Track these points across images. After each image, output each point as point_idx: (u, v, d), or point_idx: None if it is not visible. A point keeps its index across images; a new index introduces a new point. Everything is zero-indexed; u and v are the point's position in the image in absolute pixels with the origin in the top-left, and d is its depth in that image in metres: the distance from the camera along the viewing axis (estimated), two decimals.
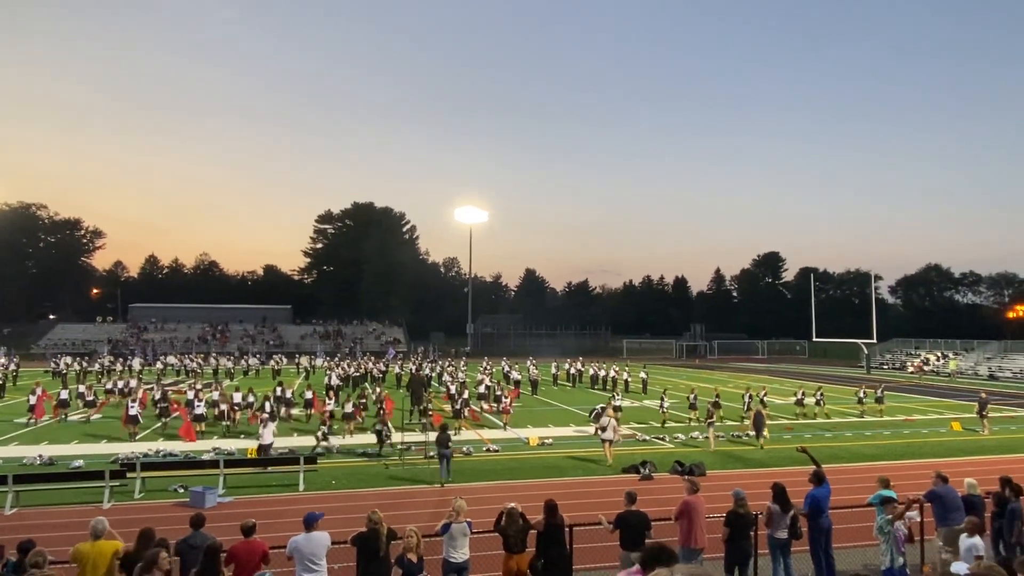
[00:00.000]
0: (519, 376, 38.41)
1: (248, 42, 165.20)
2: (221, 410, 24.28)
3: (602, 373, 40.43)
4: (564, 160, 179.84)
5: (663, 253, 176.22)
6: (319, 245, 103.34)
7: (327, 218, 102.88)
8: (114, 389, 31.63)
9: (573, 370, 42.98)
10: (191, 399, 24.43)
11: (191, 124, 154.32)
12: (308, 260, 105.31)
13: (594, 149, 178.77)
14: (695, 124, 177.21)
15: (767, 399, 27.60)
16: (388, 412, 23.79)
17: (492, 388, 30.79)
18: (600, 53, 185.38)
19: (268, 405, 23.76)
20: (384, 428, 19.56)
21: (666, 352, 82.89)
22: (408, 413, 25.34)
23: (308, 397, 26.78)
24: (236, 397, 25.58)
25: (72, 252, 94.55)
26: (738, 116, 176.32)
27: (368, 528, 7.95)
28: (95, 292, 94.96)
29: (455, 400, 26.62)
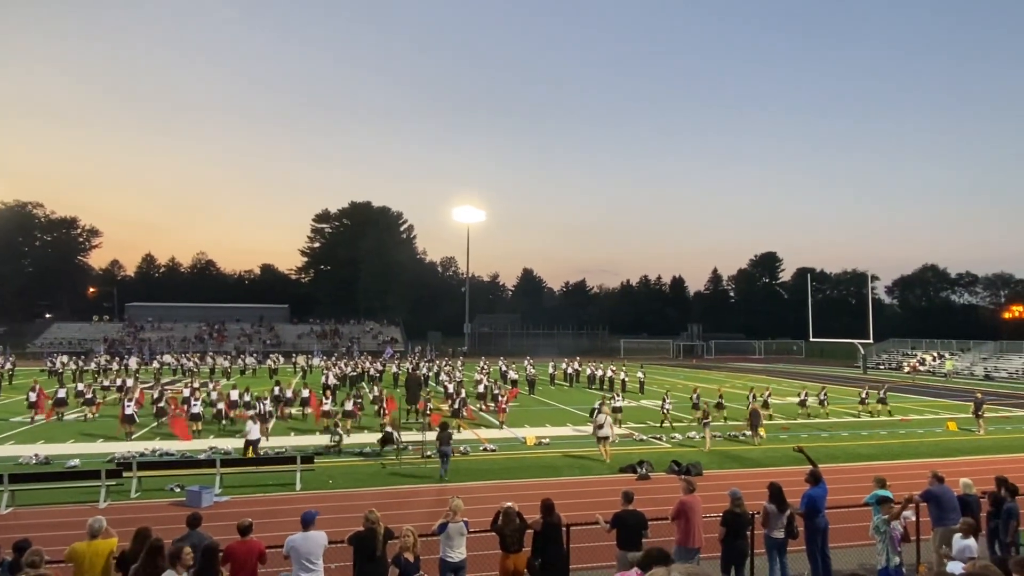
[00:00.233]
0: (516, 376, 38.43)
1: (246, 41, 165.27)
2: (218, 409, 24.23)
3: (599, 373, 40.46)
4: (562, 160, 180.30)
5: (661, 253, 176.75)
6: (316, 244, 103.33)
7: (324, 217, 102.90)
8: (111, 386, 31.57)
9: (570, 370, 42.98)
10: (187, 397, 24.42)
11: (189, 123, 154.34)
12: (305, 259, 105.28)
13: (592, 149, 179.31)
14: (693, 124, 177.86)
15: (771, 400, 27.68)
16: (388, 412, 23.82)
17: (490, 388, 30.78)
18: (598, 53, 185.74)
19: (259, 404, 23.66)
20: (395, 433, 19.17)
21: (663, 352, 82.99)
22: (406, 413, 25.34)
23: (305, 396, 26.77)
24: (233, 395, 25.55)
25: (68, 251, 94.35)
26: (735, 117, 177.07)
27: (365, 528, 7.94)
28: (91, 291, 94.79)
29: (453, 399, 26.65)
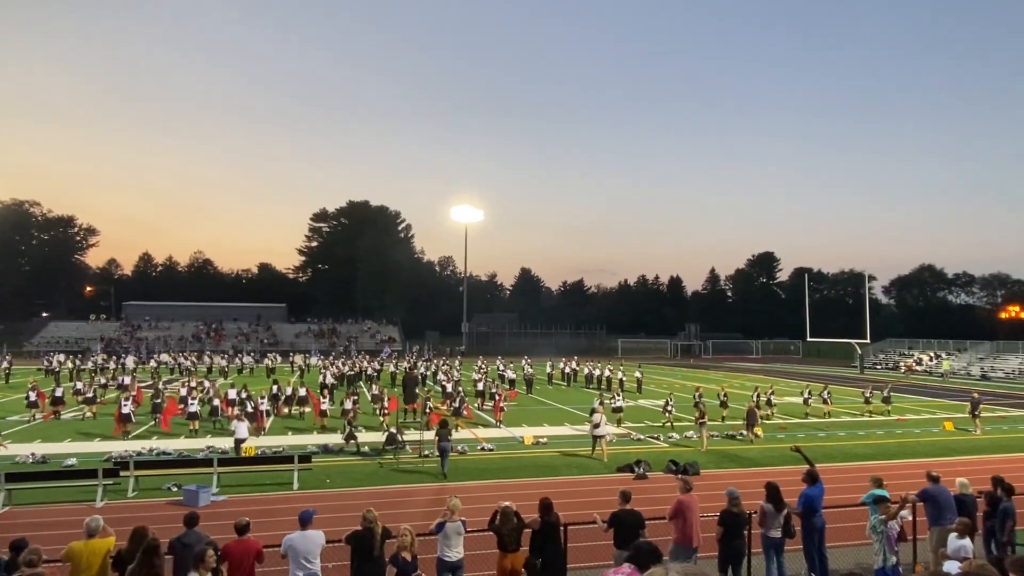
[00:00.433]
0: (514, 375, 38.42)
1: (244, 41, 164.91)
2: (214, 407, 24.23)
3: (597, 372, 40.48)
4: (560, 159, 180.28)
5: (658, 253, 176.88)
6: (314, 243, 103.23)
7: (322, 216, 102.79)
8: (109, 384, 31.55)
9: (568, 369, 43.00)
10: (184, 396, 24.40)
11: (186, 122, 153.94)
12: (303, 258, 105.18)
13: (590, 149, 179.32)
14: (691, 124, 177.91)
15: (774, 399, 27.80)
16: (389, 412, 23.85)
17: (488, 387, 30.82)
18: (598, 53, 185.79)
19: (248, 403, 23.65)
20: (398, 435, 19.07)
21: (661, 352, 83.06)
22: (403, 412, 25.33)
23: (303, 395, 26.79)
24: (231, 394, 25.51)
25: (65, 250, 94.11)
26: (734, 117, 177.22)
27: (363, 527, 7.94)
28: (88, 290, 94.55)
29: (452, 399, 26.68)
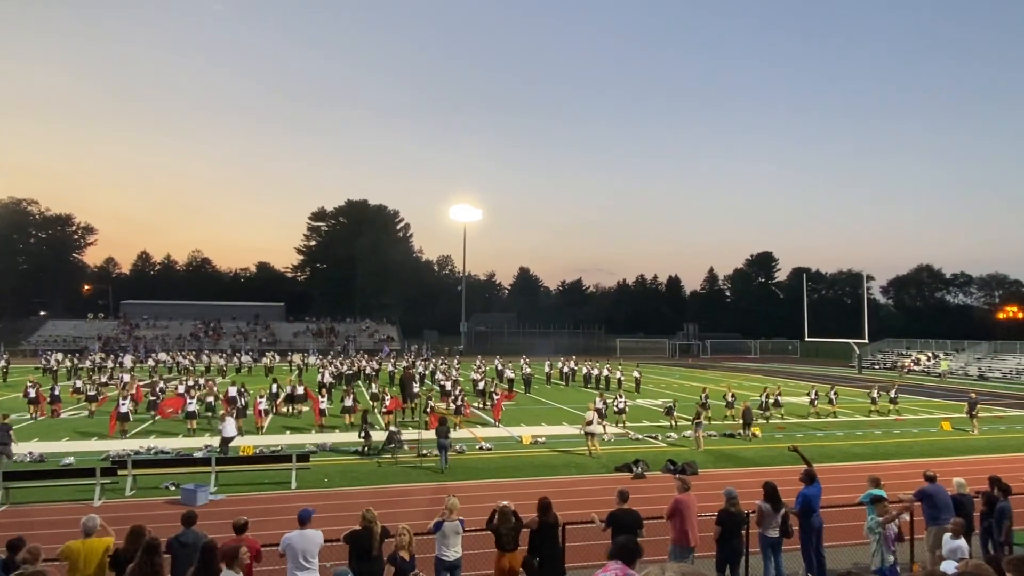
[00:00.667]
0: (512, 374, 38.42)
1: (243, 39, 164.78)
2: (210, 404, 24.21)
3: (595, 372, 40.50)
4: (559, 159, 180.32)
5: (657, 252, 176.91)
6: (313, 242, 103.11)
7: (321, 215, 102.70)
8: (108, 383, 31.55)
9: (566, 369, 43.02)
10: (182, 394, 24.41)
11: (184, 121, 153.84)
12: (301, 257, 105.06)
13: (590, 148, 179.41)
14: (689, 124, 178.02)
15: (781, 399, 27.93)
16: (389, 412, 23.84)
17: (486, 386, 30.83)
18: (597, 53, 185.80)
19: (241, 401, 23.58)
20: (396, 433, 19.09)
21: (659, 351, 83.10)
22: (400, 411, 25.31)
23: (301, 393, 26.81)
24: (232, 392, 25.45)
25: (63, 248, 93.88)
26: (732, 117, 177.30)
27: (362, 526, 7.94)
28: (86, 288, 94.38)
29: (452, 398, 26.70)
